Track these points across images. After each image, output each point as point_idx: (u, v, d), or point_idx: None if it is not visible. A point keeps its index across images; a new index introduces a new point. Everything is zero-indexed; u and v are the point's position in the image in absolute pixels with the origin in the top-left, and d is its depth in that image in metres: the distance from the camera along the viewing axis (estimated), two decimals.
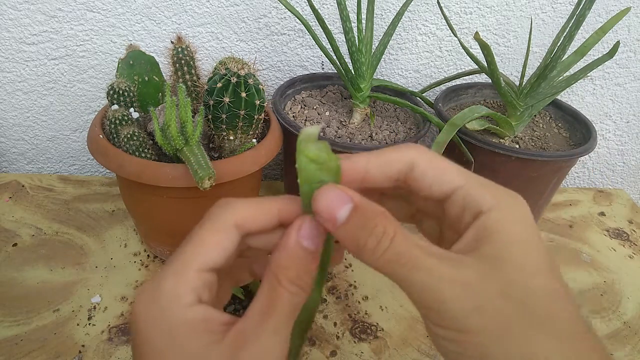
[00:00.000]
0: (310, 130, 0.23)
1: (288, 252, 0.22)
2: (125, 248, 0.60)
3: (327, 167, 0.23)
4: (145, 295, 0.22)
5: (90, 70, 0.70)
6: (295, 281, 0.22)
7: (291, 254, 0.22)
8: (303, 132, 0.23)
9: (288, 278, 0.22)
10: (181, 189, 0.46)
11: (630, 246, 0.73)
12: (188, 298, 0.21)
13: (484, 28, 0.73)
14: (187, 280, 0.21)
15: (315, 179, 0.22)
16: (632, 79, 0.80)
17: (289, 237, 0.22)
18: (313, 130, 0.23)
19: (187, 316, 0.21)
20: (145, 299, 0.22)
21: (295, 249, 0.22)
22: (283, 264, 0.22)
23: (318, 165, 0.22)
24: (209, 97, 0.47)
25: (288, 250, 0.22)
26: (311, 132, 0.23)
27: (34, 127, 0.74)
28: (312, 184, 0.23)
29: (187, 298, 0.21)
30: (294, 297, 0.22)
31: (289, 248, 0.22)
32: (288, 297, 0.22)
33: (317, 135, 0.23)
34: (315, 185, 0.23)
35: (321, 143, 0.23)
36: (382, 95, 0.63)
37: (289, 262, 0.22)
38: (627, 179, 0.94)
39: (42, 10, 0.64)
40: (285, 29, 0.70)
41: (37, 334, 0.48)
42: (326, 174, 0.23)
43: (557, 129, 0.70)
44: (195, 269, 0.22)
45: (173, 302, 0.21)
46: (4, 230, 0.61)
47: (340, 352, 0.51)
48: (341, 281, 0.60)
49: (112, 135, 0.49)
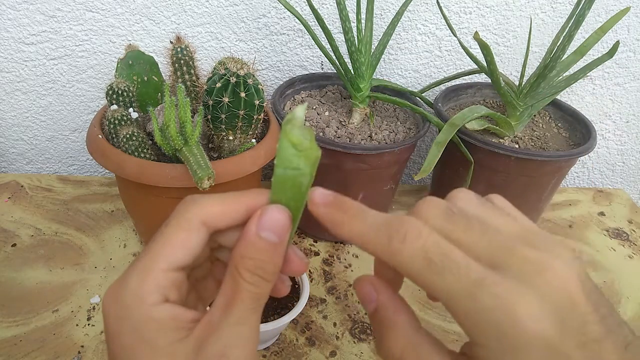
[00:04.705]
0: (298, 114, 0.22)
1: (247, 243, 0.22)
2: (124, 248, 0.60)
3: (306, 155, 0.22)
4: (112, 294, 0.22)
5: (90, 70, 0.70)
6: (256, 272, 0.22)
7: (249, 245, 0.22)
8: (290, 113, 0.22)
9: (248, 269, 0.22)
10: (180, 189, 0.46)
11: (629, 246, 0.72)
12: (153, 297, 0.21)
13: (484, 28, 0.73)
14: (153, 279, 0.21)
15: (292, 164, 0.22)
16: (631, 78, 0.80)
17: (248, 228, 0.22)
18: (300, 113, 0.22)
19: (152, 315, 0.21)
20: (111, 297, 0.22)
21: (255, 239, 0.22)
22: (242, 254, 0.22)
23: (298, 151, 0.22)
24: (208, 97, 0.47)
25: (247, 241, 0.22)
26: (299, 115, 0.22)
27: (33, 127, 0.74)
28: (287, 169, 0.22)
29: (152, 297, 0.21)
30: (255, 287, 0.22)
31: (248, 238, 0.22)
32: (249, 288, 0.22)
33: (303, 120, 0.22)
34: (289, 171, 0.22)
35: (307, 129, 0.22)
36: (382, 95, 0.63)
37: (247, 253, 0.22)
38: (626, 178, 0.94)
39: (41, 10, 0.63)
40: (284, 28, 0.70)
41: (36, 335, 0.48)
42: (304, 162, 0.22)
43: (557, 129, 0.70)
44: (162, 269, 0.21)
45: (138, 301, 0.21)
46: (3, 231, 0.61)
47: (340, 352, 0.51)
48: (341, 281, 0.60)
49: (111, 135, 0.49)
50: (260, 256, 0.22)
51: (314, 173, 0.22)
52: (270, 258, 0.22)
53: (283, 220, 0.22)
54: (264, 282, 0.22)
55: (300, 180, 0.22)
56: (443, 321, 0.56)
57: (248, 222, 0.22)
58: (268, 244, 0.22)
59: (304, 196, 0.23)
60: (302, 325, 0.53)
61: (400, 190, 0.79)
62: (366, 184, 0.60)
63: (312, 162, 0.22)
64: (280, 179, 0.22)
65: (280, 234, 0.22)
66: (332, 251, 0.64)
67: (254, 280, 0.22)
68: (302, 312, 0.53)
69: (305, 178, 0.22)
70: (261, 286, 0.22)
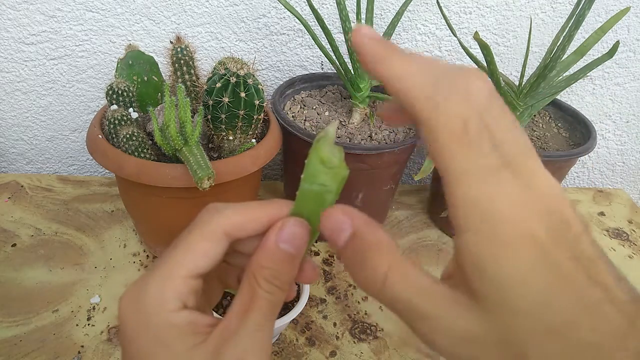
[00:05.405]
0: (331, 132, 0.22)
1: (266, 253, 0.23)
2: (124, 248, 0.60)
3: (334, 173, 0.22)
4: (130, 298, 0.22)
5: (90, 70, 0.70)
6: (272, 281, 0.23)
7: (268, 255, 0.23)
8: (323, 131, 0.23)
9: (265, 277, 0.22)
10: (180, 189, 0.46)
11: (630, 246, 0.72)
12: (173, 304, 0.22)
13: (484, 28, 0.73)
14: (174, 286, 0.22)
15: (319, 180, 0.22)
16: (631, 78, 0.80)
17: (268, 238, 0.23)
18: (332, 131, 0.22)
19: (172, 321, 0.21)
20: (131, 302, 0.22)
21: (274, 250, 0.23)
22: (261, 264, 0.23)
23: (326, 168, 0.22)
24: (208, 97, 0.47)
25: (266, 251, 0.23)
26: (331, 133, 0.22)
27: (33, 127, 0.74)
28: (314, 184, 0.23)
29: (172, 304, 0.22)
30: (271, 295, 0.23)
31: (267, 249, 0.23)
32: (266, 296, 0.22)
33: (334, 138, 0.23)
34: (315, 186, 0.22)
35: (337, 148, 0.23)
36: (382, 95, 0.63)
37: (266, 263, 0.23)
38: (626, 178, 0.94)
39: (41, 10, 0.63)
40: (284, 28, 0.70)
41: (36, 335, 0.48)
42: (331, 179, 0.22)
43: (557, 129, 0.70)
44: (182, 276, 0.22)
45: (159, 308, 0.21)
46: (3, 231, 0.60)
47: (340, 352, 0.51)
48: (341, 281, 0.60)
49: (112, 135, 0.49)
50: (277, 266, 0.23)
51: (339, 191, 0.23)
52: (287, 269, 0.23)
53: (302, 233, 0.23)
54: (280, 291, 0.23)
55: (324, 197, 0.23)
56: None
57: (268, 233, 0.23)
58: (286, 255, 0.23)
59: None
60: (302, 325, 0.53)
61: (400, 190, 0.79)
62: (366, 184, 0.60)
63: (340, 180, 0.23)
64: (305, 192, 0.23)
65: (298, 246, 0.23)
66: (332, 251, 0.64)
67: (270, 288, 0.22)
68: (302, 312, 0.53)
69: (330, 195, 0.23)
70: (276, 294, 0.23)
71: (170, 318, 0.21)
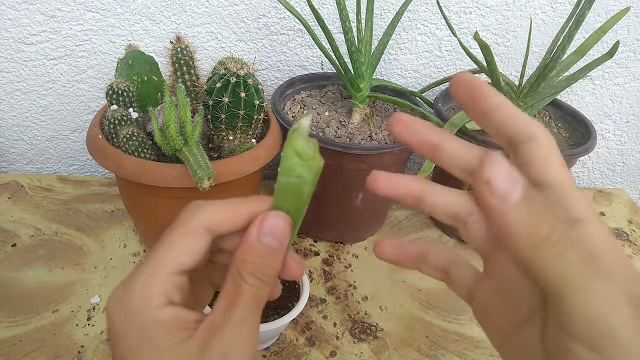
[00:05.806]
0: (304, 124, 0.23)
1: (248, 247, 0.23)
2: (124, 248, 0.60)
3: (310, 164, 0.23)
4: (117, 297, 0.23)
5: (90, 70, 0.70)
6: (256, 274, 0.23)
7: (251, 249, 0.23)
8: (297, 123, 0.23)
9: (249, 272, 0.23)
10: (180, 189, 0.46)
11: (630, 246, 0.72)
12: (158, 300, 0.22)
13: (484, 28, 0.73)
14: (158, 283, 0.22)
15: (295, 172, 0.23)
16: (631, 78, 0.80)
17: (249, 233, 0.23)
18: (306, 123, 0.23)
19: (157, 317, 0.22)
20: (117, 300, 0.22)
21: (256, 243, 0.23)
22: (244, 258, 0.23)
23: (302, 160, 0.23)
24: (208, 97, 0.47)
25: (248, 245, 0.23)
26: (304, 125, 0.23)
27: (33, 127, 0.74)
28: (290, 177, 0.23)
29: (157, 300, 0.22)
30: (256, 289, 0.23)
31: (249, 243, 0.23)
32: (250, 290, 0.23)
33: (308, 130, 0.23)
34: (292, 179, 0.23)
35: (311, 140, 0.23)
36: (382, 95, 0.63)
37: (249, 257, 0.23)
38: (626, 178, 0.94)
39: (41, 10, 0.63)
40: (284, 28, 0.70)
41: (36, 335, 0.48)
42: (307, 171, 0.23)
43: (557, 129, 0.70)
44: (167, 272, 0.22)
45: (144, 305, 0.22)
46: (3, 231, 0.61)
47: (340, 352, 0.51)
48: (341, 281, 0.60)
49: (111, 135, 0.49)
50: (260, 260, 0.23)
51: (316, 182, 0.23)
52: (270, 262, 0.23)
53: (283, 226, 0.23)
54: (264, 285, 0.23)
55: (302, 189, 0.23)
56: (443, 321, 0.56)
57: (249, 227, 0.23)
58: (268, 249, 0.23)
59: (304, 204, 0.24)
60: (302, 325, 0.53)
61: None
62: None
63: (315, 171, 0.23)
64: (282, 186, 0.23)
65: (280, 239, 0.23)
66: (332, 251, 0.64)
67: (254, 282, 0.23)
68: (302, 312, 0.53)
69: (307, 187, 0.23)
70: (261, 288, 0.23)
71: (156, 314, 0.22)
